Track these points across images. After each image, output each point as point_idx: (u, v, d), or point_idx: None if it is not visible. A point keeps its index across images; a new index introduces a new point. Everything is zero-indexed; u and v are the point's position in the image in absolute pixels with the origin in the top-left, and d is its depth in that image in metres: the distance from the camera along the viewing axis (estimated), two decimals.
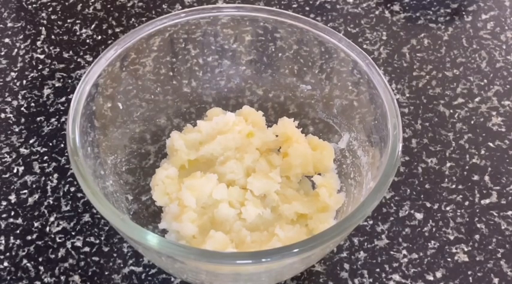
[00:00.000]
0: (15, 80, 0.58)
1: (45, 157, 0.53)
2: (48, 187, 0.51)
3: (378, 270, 0.47)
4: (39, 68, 0.59)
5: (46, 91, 0.58)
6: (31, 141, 0.54)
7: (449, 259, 0.48)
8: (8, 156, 0.53)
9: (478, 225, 0.50)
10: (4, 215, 0.50)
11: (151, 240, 0.37)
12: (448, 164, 0.53)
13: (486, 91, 0.58)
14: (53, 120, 0.55)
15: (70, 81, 0.58)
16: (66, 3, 0.65)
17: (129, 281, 0.46)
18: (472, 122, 0.56)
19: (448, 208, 0.50)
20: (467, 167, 0.53)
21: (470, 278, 0.47)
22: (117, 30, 0.63)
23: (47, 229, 0.49)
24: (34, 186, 0.51)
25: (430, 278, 0.47)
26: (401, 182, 0.52)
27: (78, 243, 0.48)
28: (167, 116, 0.52)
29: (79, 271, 0.47)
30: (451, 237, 0.49)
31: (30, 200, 0.51)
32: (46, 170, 0.52)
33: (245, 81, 0.53)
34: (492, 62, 0.60)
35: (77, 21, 0.63)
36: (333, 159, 0.49)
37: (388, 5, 0.65)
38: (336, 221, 0.46)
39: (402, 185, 0.52)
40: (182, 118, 0.52)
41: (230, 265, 0.38)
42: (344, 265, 0.47)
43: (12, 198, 0.51)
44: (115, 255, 0.48)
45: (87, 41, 0.62)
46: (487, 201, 0.51)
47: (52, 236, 0.49)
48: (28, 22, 0.63)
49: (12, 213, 0.50)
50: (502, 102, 0.57)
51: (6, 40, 0.62)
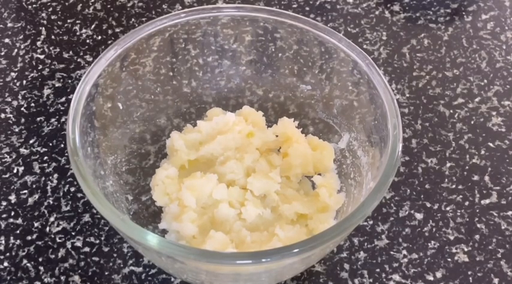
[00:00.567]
0: (15, 80, 0.58)
1: (45, 157, 0.53)
2: (48, 187, 0.51)
3: (378, 270, 0.47)
4: (39, 68, 0.59)
5: (46, 91, 0.58)
6: (31, 141, 0.54)
7: (449, 259, 0.48)
8: (8, 156, 0.53)
9: (478, 225, 0.50)
10: (4, 215, 0.50)
11: (151, 240, 0.37)
12: (448, 164, 0.53)
13: (486, 91, 0.58)
14: (53, 120, 0.55)
15: (70, 81, 0.58)
16: (66, 3, 0.65)
17: (129, 281, 0.46)
18: (472, 122, 0.56)
19: (448, 208, 0.50)
20: (467, 167, 0.53)
21: (470, 278, 0.47)
22: (117, 30, 0.63)
23: (47, 229, 0.49)
24: (34, 186, 0.51)
25: (430, 278, 0.47)
26: (401, 182, 0.52)
27: (78, 243, 0.48)
28: (167, 116, 0.52)
29: (79, 271, 0.47)
30: (451, 237, 0.49)
31: (30, 200, 0.51)
32: (46, 170, 0.52)
33: (245, 81, 0.53)
34: (492, 62, 0.60)
35: (77, 21, 0.63)
36: (333, 159, 0.49)
37: (388, 5, 0.65)
38: (336, 221, 0.46)
39: (402, 185, 0.52)
40: (182, 118, 0.52)
41: (230, 265, 0.38)
42: (344, 265, 0.47)
43: (12, 198, 0.51)
44: (115, 255, 0.48)
45: (87, 41, 0.62)
46: (487, 201, 0.51)
47: (52, 236, 0.49)
48: (28, 22, 0.63)
49: (12, 213, 0.50)
50: (502, 102, 0.57)
51: (6, 40, 0.62)
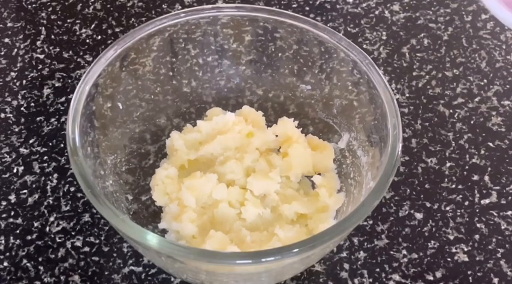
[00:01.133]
0: (15, 80, 0.58)
1: (45, 157, 0.53)
2: (48, 187, 0.51)
3: (378, 270, 0.47)
4: (39, 68, 0.59)
5: (46, 91, 0.58)
6: (31, 141, 0.54)
7: (449, 259, 0.48)
8: (8, 156, 0.53)
9: (478, 225, 0.50)
10: (4, 215, 0.50)
11: (151, 240, 0.37)
12: (448, 164, 0.53)
13: (486, 91, 0.58)
14: (53, 120, 0.55)
15: (70, 81, 0.58)
16: (66, 3, 0.65)
17: (129, 281, 0.46)
18: (472, 122, 0.56)
19: (448, 208, 0.50)
20: (467, 167, 0.53)
21: (470, 278, 0.47)
22: (117, 30, 0.63)
23: (47, 229, 0.49)
24: (34, 186, 0.51)
25: (430, 278, 0.47)
26: (401, 182, 0.52)
27: (78, 243, 0.48)
28: (167, 116, 0.52)
29: (79, 271, 0.47)
30: (451, 237, 0.49)
31: (30, 200, 0.51)
32: (46, 170, 0.52)
33: (245, 81, 0.53)
34: (492, 62, 0.60)
35: (77, 21, 0.63)
36: (333, 159, 0.49)
37: (388, 5, 0.65)
38: (336, 221, 0.46)
39: (402, 185, 0.52)
40: (182, 118, 0.52)
41: (230, 265, 0.38)
42: (344, 265, 0.47)
43: (12, 198, 0.51)
44: (115, 255, 0.48)
45: (87, 41, 0.62)
46: (487, 201, 0.51)
47: (52, 236, 0.49)
48: (28, 22, 0.63)
49: (12, 213, 0.50)
50: (502, 102, 0.57)
51: (6, 40, 0.62)
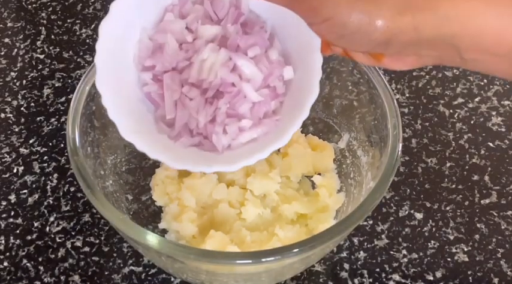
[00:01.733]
0: (15, 80, 0.58)
1: (45, 157, 0.53)
2: (48, 187, 0.51)
3: (378, 270, 0.47)
4: (39, 68, 0.59)
5: (46, 91, 0.58)
6: (31, 141, 0.54)
7: (449, 259, 0.48)
8: (8, 156, 0.53)
9: (478, 225, 0.50)
10: (4, 215, 0.50)
11: (151, 240, 0.37)
12: (448, 164, 0.53)
13: (486, 91, 0.58)
14: (53, 120, 0.55)
15: (70, 81, 0.58)
16: (66, 3, 0.65)
17: (129, 281, 0.46)
18: (472, 122, 0.56)
19: (448, 208, 0.50)
20: (467, 167, 0.53)
21: (470, 278, 0.47)
22: None
23: (47, 229, 0.49)
24: (34, 186, 0.51)
25: (430, 278, 0.47)
26: (401, 182, 0.52)
27: (78, 243, 0.48)
28: None
29: (79, 271, 0.47)
30: (451, 237, 0.49)
31: (30, 200, 0.51)
32: (46, 170, 0.52)
33: None
34: None
35: (77, 21, 0.63)
36: (333, 159, 0.49)
37: None
38: (336, 221, 0.46)
39: (402, 185, 0.52)
40: None
41: (230, 265, 0.38)
42: (344, 265, 0.47)
43: (12, 198, 0.51)
44: (115, 255, 0.48)
45: (87, 41, 0.62)
46: (487, 201, 0.51)
47: (52, 236, 0.49)
48: (28, 22, 0.63)
49: (12, 213, 0.50)
50: (502, 102, 0.57)
51: (6, 40, 0.62)
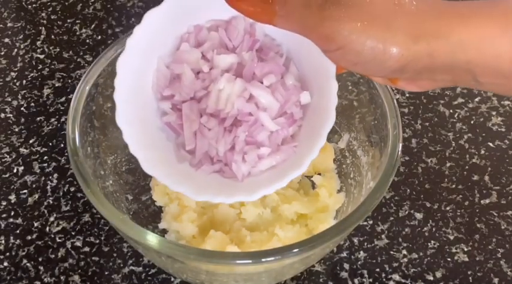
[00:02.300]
0: (15, 80, 0.58)
1: (45, 157, 0.53)
2: (48, 187, 0.51)
3: (378, 270, 0.47)
4: (39, 68, 0.59)
5: (46, 91, 0.58)
6: (31, 141, 0.54)
7: (449, 259, 0.48)
8: (8, 156, 0.53)
9: (478, 225, 0.50)
10: (4, 215, 0.50)
11: (151, 240, 0.37)
12: (448, 164, 0.53)
13: (486, 91, 0.58)
14: (53, 120, 0.55)
15: (70, 81, 0.58)
16: (66, 3, 0.65)
17: (129, 281, 0.46)
18: (472, 122, 0.56)
19: (448, 208, 0.50)
20: (467, 167, 0.53)
21: (470, 278, 0.47)
22: (117, 30, 0.63)
23: (47, 229, 0.49)
24: (34, 186, 0.51)
25: (430, 278, 0.47)
26: (401, 182, 0.52)
27: (78, 243, 0.48)
28: None
29: (79, 271, 0.47)
30: (451, 237, 0.49)
31: (30, 200, 0.51)
32: (46, 170, 0.52)
33: None
34: None
35: (77, 21, 0.63)
36: (333, 159, 0.49)
37: None
38: (336, 221, 0.46)
39: (402, 185, 0.52)
40: None
41: (230, 265, 0.38)
42: (344, 265, 0.47)
43: (12, 198, 0.51)
44: (115, 255, 0.48)
45: (87, 41, 0.62)
46: (487, 201, 0.51)
47: (52, 236, 0.49)
48: (28, 22, 0.63)
49: (12, 213, 0.50)
50: (502, 102, 0.57)
51: (6, 40, 0.62)
